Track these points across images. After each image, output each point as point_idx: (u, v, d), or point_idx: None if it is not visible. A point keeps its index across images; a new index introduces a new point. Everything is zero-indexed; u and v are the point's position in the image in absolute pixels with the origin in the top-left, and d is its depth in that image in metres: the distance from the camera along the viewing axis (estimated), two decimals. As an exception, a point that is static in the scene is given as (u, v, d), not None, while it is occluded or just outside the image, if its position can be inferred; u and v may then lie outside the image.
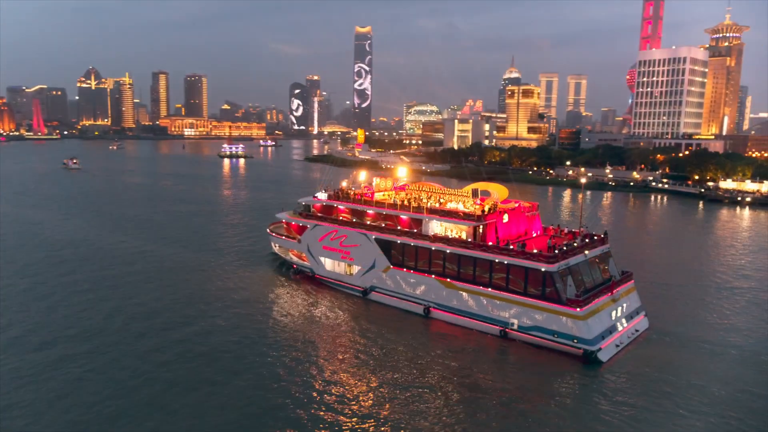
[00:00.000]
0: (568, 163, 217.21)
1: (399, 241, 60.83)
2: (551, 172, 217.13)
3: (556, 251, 52.09)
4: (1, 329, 50.86)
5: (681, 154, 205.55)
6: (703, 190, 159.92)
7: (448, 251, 56.80)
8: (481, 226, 57.48)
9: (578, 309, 48.49)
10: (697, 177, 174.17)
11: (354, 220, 67.09)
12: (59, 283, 65.11)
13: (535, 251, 52.15)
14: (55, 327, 51.64)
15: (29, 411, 37.23)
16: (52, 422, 36.02)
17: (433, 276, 57.76)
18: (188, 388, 40.62)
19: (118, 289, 63.24)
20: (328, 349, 49.04)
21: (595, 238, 59.53)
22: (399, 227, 62.42)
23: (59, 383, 40.93)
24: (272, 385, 41.64)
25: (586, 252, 55.32)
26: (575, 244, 55.71)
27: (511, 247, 54.18)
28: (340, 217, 68.41)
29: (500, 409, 39.40)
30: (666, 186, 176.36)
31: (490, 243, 55.66)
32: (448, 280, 56.56)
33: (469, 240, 56.70)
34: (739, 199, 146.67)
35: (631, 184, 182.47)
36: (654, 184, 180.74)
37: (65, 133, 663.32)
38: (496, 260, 53.24)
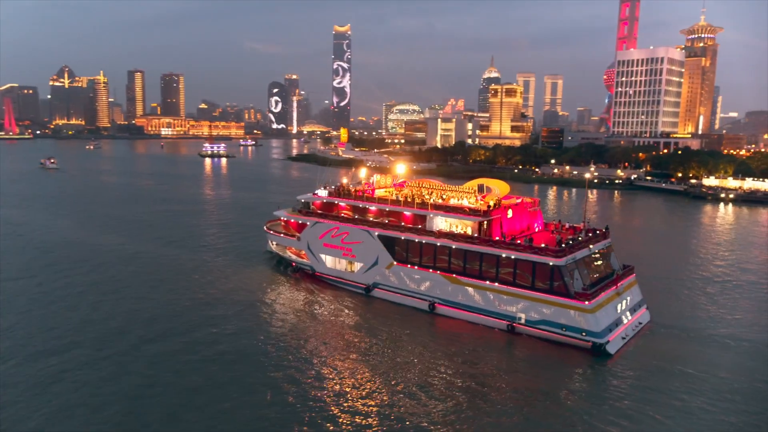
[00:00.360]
0: (552, 161, 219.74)
1: (403, 238, 60.56)
2: (537, 170, 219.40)
3: (563, 245, 52.53)
4: (4, 335, 48.92)
5: (661, 152, 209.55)
6: (687, 188, 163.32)
7: (453, 247, 56.70)
8: (486, 222, 57.58)
9: (586, 302, 48.84)
10: (680, 174, 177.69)
11: (356, 216, 66.67)
12: (57, 287, 63.00)
13: (543, 245, 52.47)
14: (60, 332, 49.65)
15: (43, 419, 35.84)
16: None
17: (438, 272, 57.68)
18: (201, 393, 39.47)
19: (117, 293, 61.25)
20: (336, 347, 48.51)
21: (598, 232, 60.18)
22: (402, 224, 62.24)
23: (70, 390, 39.45)
24: (285, 385, 40.91)
25: (591, 246, 55.88)
26: (580, 239, 56.28)
27: (518, 241, 54.48)
28: (342, 214, 67.92)
29: (515, 403, 39.38)
30: (651, 183, 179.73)
31: (497, 238, 55.92)
32: (454, 275, 56.53)
33: (475, 235, 56.76)
34: (722, 196, 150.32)
35: (617, 182, 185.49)
36: (639, 182, 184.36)
37: (38, 132, 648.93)
38: (503, 255, 53.31)
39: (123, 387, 39.89)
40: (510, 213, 60.11)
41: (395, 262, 61.04)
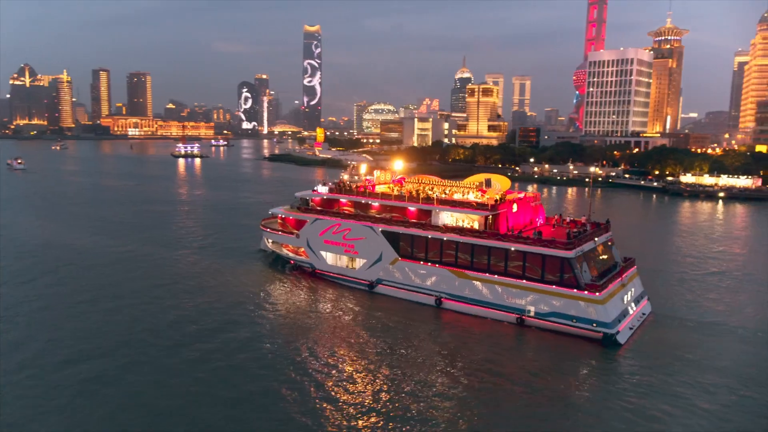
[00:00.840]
0: (531, 160, 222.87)
1: (408, 233, 60.37)
2: (517, 169, 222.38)
3: (571, 238, 53.20)
4: (14, 346, 46.15)
5: (633, 151, 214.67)
6: (665, 185, 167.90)
7: (461, 241, 56.77)
8: (492, 216, 57.89)
9: (597, 294, 49.53)
10: (657, 172, 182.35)
11: (357, 212, 66.17)
12: (55, 292, 59.98)
13: (552, 238, 53.04)
14: (63, 342, 46.84)
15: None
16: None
17: (445, 266, 57.66)
18: (224, 400, 38.04)
19: (116, 299, 57.91)
20: (350, 346, 47.89)
21: (600, 226, 61.15)
22: (406, 219, 62.05)
23: (90, 402, 37.47)
24: (312, 390, 40.07)
25: (596, 239, 56.77)
26: (585, 231, 57.10)
27: (527, 235, 54.93)
28: (343, 211, 67.34)
29: (532, 394, 39.52)
30: (630, 181, 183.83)
31: (504, 232, 56.27)
32: (461, 270, 56.59)
33: (483, 230, 56.98)
34: (700, 192, 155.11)
35: (599, 179, 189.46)
36: (617, 179, 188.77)
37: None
38: (512, 248, 53.63)
39: (150, 399, 37.96)
40: (515, 207, 60.61)
41: (400, 258, 60.79)
